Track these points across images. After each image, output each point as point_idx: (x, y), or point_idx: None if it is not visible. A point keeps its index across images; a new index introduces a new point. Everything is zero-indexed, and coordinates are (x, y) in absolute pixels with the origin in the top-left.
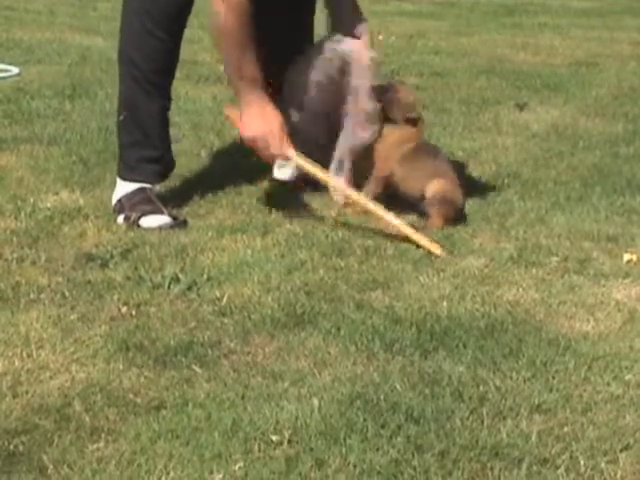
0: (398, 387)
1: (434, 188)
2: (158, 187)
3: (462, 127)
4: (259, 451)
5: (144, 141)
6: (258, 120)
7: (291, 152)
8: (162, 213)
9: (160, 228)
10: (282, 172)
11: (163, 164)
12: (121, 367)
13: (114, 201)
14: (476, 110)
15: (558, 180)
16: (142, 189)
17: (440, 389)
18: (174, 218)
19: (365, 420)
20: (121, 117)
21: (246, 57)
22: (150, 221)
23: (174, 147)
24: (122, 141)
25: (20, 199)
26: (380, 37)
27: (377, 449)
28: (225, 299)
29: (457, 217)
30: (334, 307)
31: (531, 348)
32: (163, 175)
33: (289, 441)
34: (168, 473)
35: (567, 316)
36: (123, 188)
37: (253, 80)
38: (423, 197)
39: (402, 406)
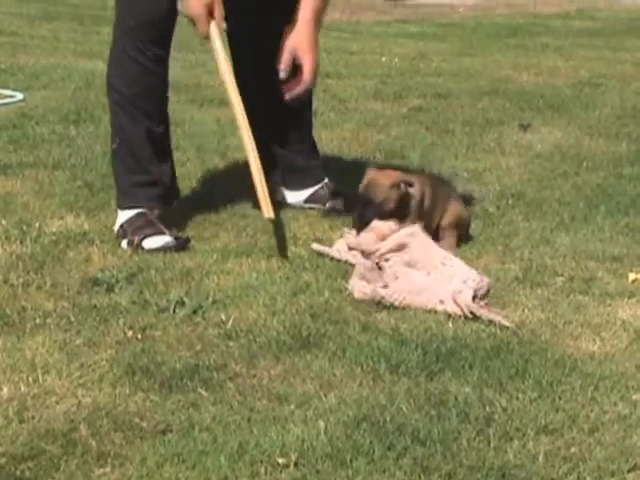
0: (404, 409)
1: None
2: (162, 210)
3: (466, 148)
4: (266, 474)
5: (135, 167)
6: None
7: (214, 34)
8: (164, 234)
9: (163, 248)
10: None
11: (160, 188)
12: (127, 391)
13: (116, 228)
14: (479, 131)
15: (562, 200)
16: (142, 213)
17: (446, 410)
18: (176, 238)
19: (371, 442)
20: (113, 145)
21: None
22: (152, 242)
23: (179, 170)
24: (115, 169)
25: (25, 224)
26: (383, 59)
27: (384, 471)
28: (230, 322)
29: (466, 236)
30: (339, 329)
31: (537, 368)
32: (164, 199)
33: (295, 464)
34: None
35: (573, 336)
36: (123, 215)
37: None
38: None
39: (408, 427)
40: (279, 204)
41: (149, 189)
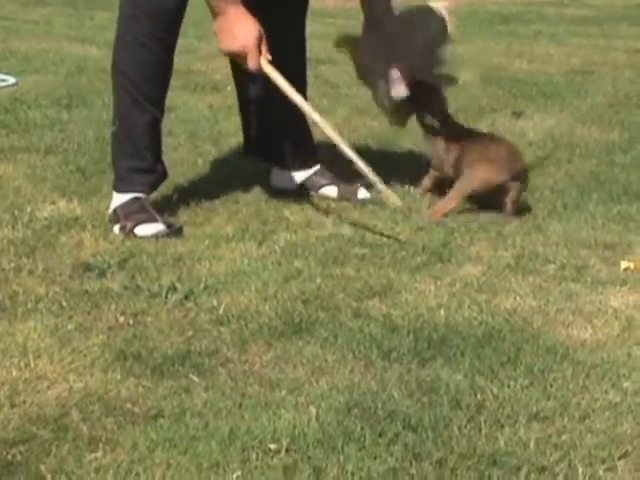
0: (395, 395)
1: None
2: (155, 195)
3: None
4: (257, 460)
5: (133, 152)
6: (234, 33)
7: (267, 67)
8: (157, 221)
9: (156, 236)
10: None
11: (154, 175)
12: (119, 377)
13: (110, 211)
14: (472, 118)
15: (555, 188)
16: (136, 198)
17: (438, 397)
18: (169, 225)
19: (363, 428)
20: (114, 128)
21: None
22: (145, 229)
23: (171, 156)
24: (114, 152)
25: (17, 208)
26: None
27: (375, 457)
28: (222, 308)
29: None
30: (331, 315)
31: (529, 356)
32: (155, 186)
33: (287, 450)
34: None
35: (565, 324)
36: (117, 199)
37: None
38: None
39: (400, 414)
40: (271, 188)
41: (145, 175)
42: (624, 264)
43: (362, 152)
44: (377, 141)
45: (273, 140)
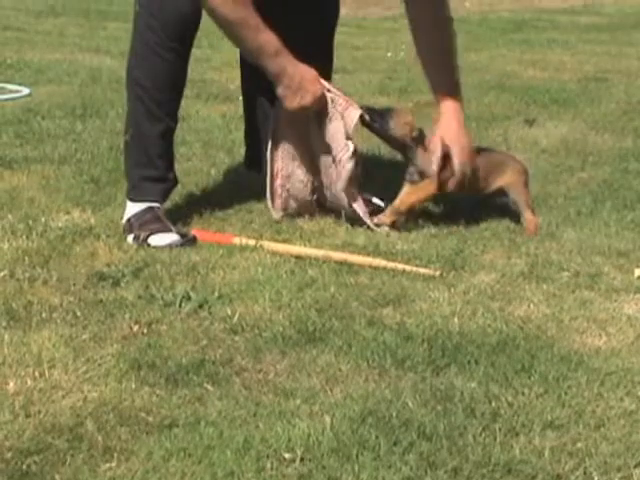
0: (410, 404)
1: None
2: (169, 204)
3: None
4: (271, 469)
5: (146, 161)
6: (305, 87)
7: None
8: (170, 231)
9: (169, 246)
10: None
11: (167, 183)
12: (133, 386)
13: (124, 221)
14: (485, 125)
15: (568, 195)
16: (150, 208)
17: (452, 405)
18: (183, 235)
19: (377, 437)
20: (126, 137)
21: (262, 34)
22: (159, 239)
23: (185, 165)
24: (126, 161)
25: (31, 219)
26: (389, 54)
27: (389, 466)
28: (236, 317)
29: None
30: (345, 324)
31: (543, 364)
32: (167, 194)
33: (301, 459)
34: None
35: (579, 331)
36: (131, 208)
37: (279, 51)
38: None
39: (414, 423)
40: None
41: (157, 184)
42: (638, 271)
43: (372, 160)
44: (389, 149)
45: None
